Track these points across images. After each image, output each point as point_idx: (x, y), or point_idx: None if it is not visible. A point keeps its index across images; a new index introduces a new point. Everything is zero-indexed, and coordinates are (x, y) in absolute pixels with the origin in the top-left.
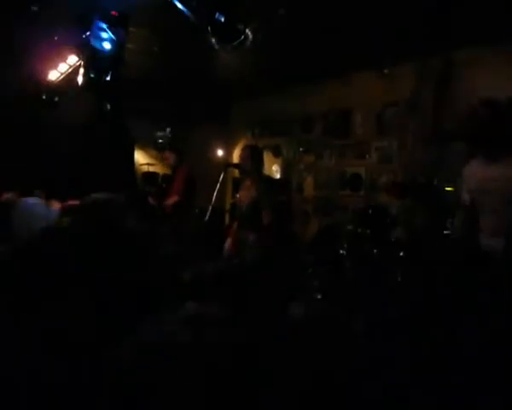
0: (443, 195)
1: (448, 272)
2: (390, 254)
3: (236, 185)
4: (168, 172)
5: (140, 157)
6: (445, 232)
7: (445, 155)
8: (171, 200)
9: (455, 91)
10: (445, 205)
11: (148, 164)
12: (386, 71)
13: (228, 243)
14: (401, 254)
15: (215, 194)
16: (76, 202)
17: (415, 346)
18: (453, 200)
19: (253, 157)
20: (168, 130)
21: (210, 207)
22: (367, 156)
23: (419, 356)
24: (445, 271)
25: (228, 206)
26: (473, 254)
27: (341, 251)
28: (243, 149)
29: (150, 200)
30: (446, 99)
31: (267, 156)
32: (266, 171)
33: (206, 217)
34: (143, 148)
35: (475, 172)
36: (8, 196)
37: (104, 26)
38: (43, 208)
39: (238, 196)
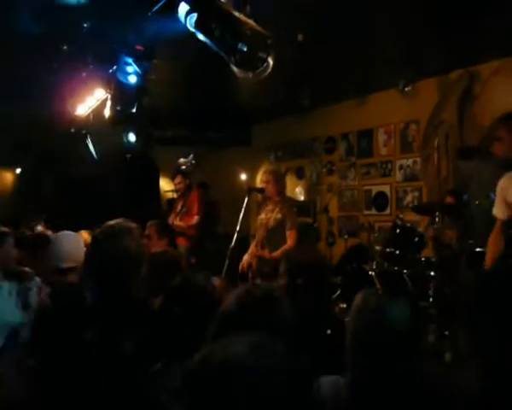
0: (473, 210)
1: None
2: (420, 273)
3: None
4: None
5: (164, 184)
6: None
7: (474, 169)
8: (194, 220)
9: (478, 105)
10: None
11: (172, 191)
12: (407, 89)
13: (243, 262)
14: (431, 273)
15: (240, 219)
16: None
17: None
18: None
19: (276, 180)
20: (191, 156)
21: (236, 234)
22: (391, 175)
23: None
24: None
25: (253, 231)
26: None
27: (370, 272)
28: (265, 173)
29: (177, 222)
30: (470, 113)
31: (290, 178)
32: (289, 193)
33: (232, 243)
34: (168, 175)
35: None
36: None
37: (130, 60)
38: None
39: (260, 217)
